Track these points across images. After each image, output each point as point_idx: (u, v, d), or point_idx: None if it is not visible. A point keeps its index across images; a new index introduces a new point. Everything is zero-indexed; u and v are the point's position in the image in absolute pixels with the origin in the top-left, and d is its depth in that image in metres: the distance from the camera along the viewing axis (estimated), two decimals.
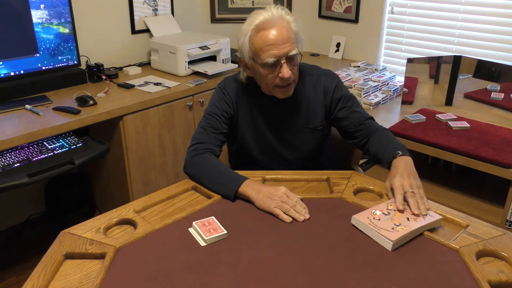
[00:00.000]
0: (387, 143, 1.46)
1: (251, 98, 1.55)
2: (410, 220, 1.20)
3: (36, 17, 2.22)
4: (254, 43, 1.39)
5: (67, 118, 2.00)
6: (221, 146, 1.52)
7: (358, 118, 1.55)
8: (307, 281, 1.01)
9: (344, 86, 1.59)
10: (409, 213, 1.22)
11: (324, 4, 3.20)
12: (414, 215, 1.21)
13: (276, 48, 1.35)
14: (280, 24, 1.37)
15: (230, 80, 1.58)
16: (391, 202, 1.27)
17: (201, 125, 1.53)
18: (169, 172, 2.50)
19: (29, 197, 2.56)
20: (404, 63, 2.60)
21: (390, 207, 1.24)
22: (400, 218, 1.20)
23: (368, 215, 1.21)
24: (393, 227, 1.16)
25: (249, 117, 1.56)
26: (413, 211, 1.21)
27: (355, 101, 1.58)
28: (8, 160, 1.83)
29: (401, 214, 1.21)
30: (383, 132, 1.52)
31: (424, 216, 1.20)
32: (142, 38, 2.84)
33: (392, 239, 1.11)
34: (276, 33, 1.35)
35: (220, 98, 1.55)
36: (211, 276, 1.03)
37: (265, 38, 1.36)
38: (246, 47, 1.41)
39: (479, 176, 2.25)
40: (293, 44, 1.38)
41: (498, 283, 1.02)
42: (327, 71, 1.60)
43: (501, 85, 2.31)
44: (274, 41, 1.35)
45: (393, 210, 1.23)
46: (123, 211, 1.27)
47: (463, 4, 2.54)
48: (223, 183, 1.35)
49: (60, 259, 1.08)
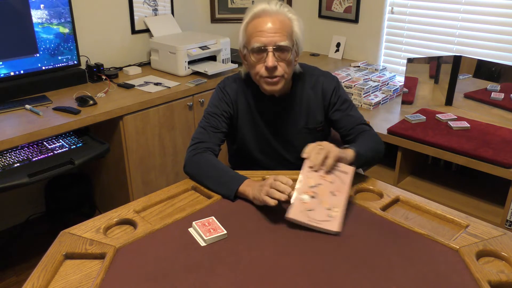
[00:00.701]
0: (356, 142, 1.47)
1: (251, 98, 1.55)
2: (335, 194, 1.23)
3: (36, 17, 2.22)
4: (247, 30, 1.42)
5: (67, 118, 2.00)
6: (221, 145, 1.53)
7: (351, 122, 1.54)
8: (307, 281, 1.01)
9: (342, 88, 1.59)
10: (327, 181, 1.24)
11: (324, 4, 3.20)
12: (326, 174, 1.24)
13: (265, 35, 1.37)
14: (276, 16, 1.39)
15: (230, 80, 1.58)
16: (306, 172, 1.25)
17: (201, 125, 1.53)
18: (169, 172, 2.50)
19: (29, 197, 2.56)
20: (404, 63, 2.60)
21: (312, 184, 1.24)
22: (326, 196, 1.23)
23: (300, 209, 1.20)
24: (329, 215, 1.19)
25: (249, 117, 1.56)
26: (313, 161, 1.25)
27: (351, 105, 1.57)
28: (8, 160, 1.83)
29: (324, 190, 1.23)
30: (365, 134, 1.51)
31: (338, 176, 1.23)
32: (142, 38, 2.84)
33: (335, 230, 1.17)
34: (268, 22, 1.38)
35: (220, 97, 1.55)
36: (211, 276, 1.03)
37: (257, 25, 1.39)
38: (241, 35, 1.45)
39: (479, 176, 2.25)
40: (285, 37, 1.38)
41: (498, 283, 1.02)
42: (326, 73, 1.60)
43: (501, 85, 2.31)
44: (265, 29, 1.37)
45: (314, 186, 1.24)
46: (123, 211, 1.27)
47: (463, 4, 2.54)
48: (223, 183, 1.35)
49: (60, 259, 1.08)
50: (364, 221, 1.24)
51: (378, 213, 1.27)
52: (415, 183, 2.27)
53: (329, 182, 1.25)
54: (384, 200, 1.34)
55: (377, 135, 1.53)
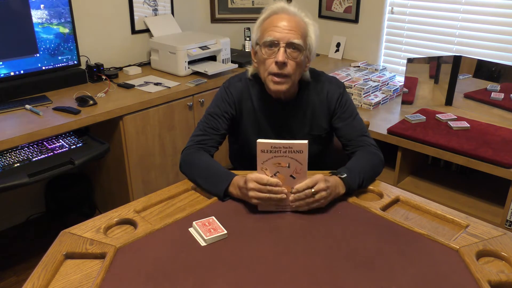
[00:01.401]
0: (354, 161, 1.43)
1: (256, 100, 1.53)
2: (295, 176, 1.25)
3: (36, 17, 2.22)
4: (262, 25, 1.43)
5: (67, 118, 2.00)
6: (218, 146, 1.53)
7: (351, 133, 1.52)
8: (307, 281, 1.01)
9: (347, 96, 1.55)
10: (283, 167, 1.25)
11: (324, 4, 3.20)
12: (281, 160, 1.24)
13: (279, 31, 1.37)
14: (293, 16, 1.40)
15: (235, 80, 1.57)
16: (261, 165, 1.25)
17: (200, 125, 1.53)
18: (169, 172, 2.50)
19: (29, 197, 2.56)
20: (404, 63, 2.60)
21: (269, 175, 1.25)
22: (286, 181, 1.25)
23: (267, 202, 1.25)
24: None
25: (252, 118, 1.55)
26: (291, 198, 1.25)
27: (353, 114, 1.54)
28: (8, 160, 1.83)
29: (283, 177, 1.25)
30: (364, 153, 1.47)
31: (292, 157, 1.23)
32: (142, 38, 2.84)
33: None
34: (284, 20, 1.39)
35: (223, 98, 1.54)
36: (211, 276, 1.03)
37: (273, 21, 1.40)
38: (255, 31, 1.45)
39: (479, 176, 2.25)
40: (299, 35, 1.38)
41: (498, 283, 1.02)
42: (332, 79, 1.57)
43: (501, 85, 2.31)
44: (280, 25, 1.38)
45: (272, 176, 1.25)
46: (123, 211, 1.27)
47: (463, 4, 2.54)
48: (213, 184, 1.35)
49: (60, 259, 1.08)
50: (364, 221, 1.24)
51: (378, 213, 1.27)
52: (415, 183, 2.27)
53: (286, 167, 1.24)
54: (384, 200, 1.34)
55: (377, 152, 1.48)
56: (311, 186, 1.24)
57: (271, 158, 1.23)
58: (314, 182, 1.24)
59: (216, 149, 1.52)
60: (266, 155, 1.23)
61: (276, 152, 1.22)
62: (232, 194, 1.33)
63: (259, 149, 1.22)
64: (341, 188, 1.32)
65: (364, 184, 1.39)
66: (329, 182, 1.27)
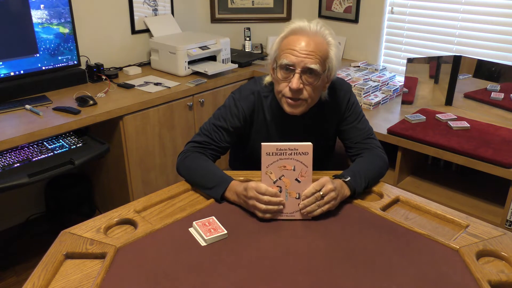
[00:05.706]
0: (359, 165, 1.42)
1: (268, 113, 1.49)
2: (300, 180, 1.24)
3: (36, 17, 2.22)
4: (281, 45, 1.35)
5: (67, 118, 2.00)
6: (215, 159, 1.49)
7: (357, 135, 1.50)
8: (307, 281, 1.02)
9: (354, 97, 1.53)
10: (288, 169, 1.23)
11: (324, 4, 3.20)
12: (286, 163, 1.23)
13: (296, 54, 1.30)
14: (314, 37, 1.32)
15: (247, 92, 1.49)
16: (265, 168, 1.23)
17: (202, 135, 1.48)
18: (169, 172, 2.50)
19: (29, 197, 2.56)
20: (404, 63, 2.60)
21: (274, 179, 1.24)
22: (291, 185, 1.24)
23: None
24: (299, 204, 1.23)
25: (264, 130, 1.51)
26: (301, 205, 1.23)
27: (359, 116, 1.51)
28: (8, 160, 1.83)
29: (288, 181, 1.24)
30: (369, 155, 1.46)
31: (298, 160, 1.22)
32: (142, 38, 2.84)
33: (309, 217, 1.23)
34: (303, 41, 1.31)
35: (232, 113, 1.47)
36: (211, 276, 1.03)
37: (291, 42, 1.32)
38: (274, 47, 1.38)
39: (479, 176, 2.25)
40: (317, 60, 1.31)
41: (498, 283, 1.02)
42: (341, 83, 1.52)
43: (501, 85, 2.31)
44: (298, 48, 1.30)
45: (277, 180, 1.24)
46: (123, 211, 1.27)
47: (463, 4, 2.54)
48: (210, 189, 1.34)
49: (60, 259, 1.08)
50: (364, 221, 1.24)
51: (378, 213, 1.27)
52: (415, 183, 2.27)
53: (291, 170, 1.23)
54: (384, 200, 1.34)
55: (383, 156, 1.47)
56: (318, 189, 1.23)
57: (276, 161, 1.23)
58: (321, 185, 1.23)
59: (215, 159, 1.49)
60: (271, 158, 1.22)
61: (281, 155, 1.22)
62: (228, 199, 1.32)
63: (264, 152, 1.22)
64: (346, 190, 1.31)
65: (370, 187, 1.39)
66: (335, 184, 1.27)
